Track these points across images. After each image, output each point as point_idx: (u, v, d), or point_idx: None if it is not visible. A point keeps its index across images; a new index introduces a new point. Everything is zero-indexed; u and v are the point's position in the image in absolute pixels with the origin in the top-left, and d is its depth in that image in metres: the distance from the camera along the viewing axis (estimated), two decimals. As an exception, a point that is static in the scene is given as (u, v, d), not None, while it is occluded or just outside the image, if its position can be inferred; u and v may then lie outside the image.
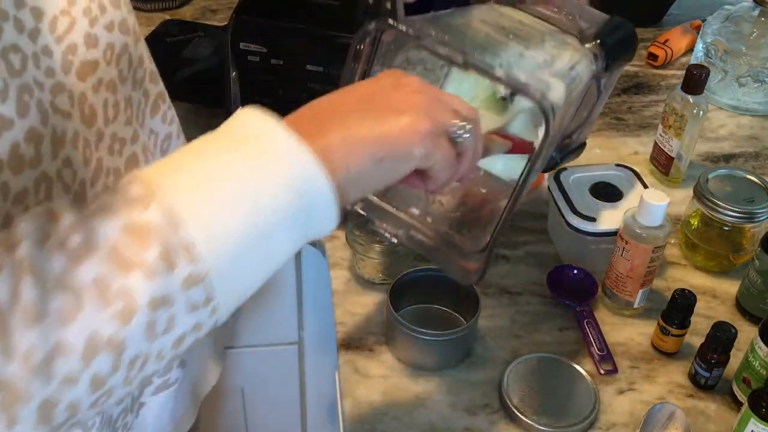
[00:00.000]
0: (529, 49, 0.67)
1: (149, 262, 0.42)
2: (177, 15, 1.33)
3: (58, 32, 0.50)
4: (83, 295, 0.41)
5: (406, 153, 0.50)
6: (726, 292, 0.90)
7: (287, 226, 0.46)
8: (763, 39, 1.17)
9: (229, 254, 0.44)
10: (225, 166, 0.45)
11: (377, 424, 0.75)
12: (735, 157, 1.12)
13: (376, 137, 0.49)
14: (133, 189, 0.44)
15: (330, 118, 0.50)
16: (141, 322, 0.42)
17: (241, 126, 0.48)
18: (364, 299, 0.88)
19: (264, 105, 1.15)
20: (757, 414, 0.67)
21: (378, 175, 0.50)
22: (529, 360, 0.80)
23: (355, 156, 0.48)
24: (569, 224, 0.89)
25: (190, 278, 0.43)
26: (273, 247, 0.46)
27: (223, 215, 0.44)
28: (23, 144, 0.47)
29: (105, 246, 0.42)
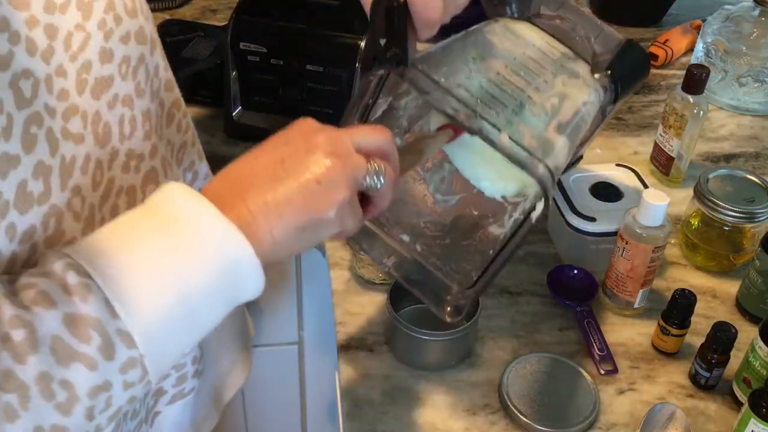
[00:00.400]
0: (538, 91, 0.67)
1: (90, 354, 0.44)
2: (177, 15, 1.33)
3: (72, 49, 0.49)
4: (28, 393, 0.42)
5: (326, 222, 0.51)
6: (726, 292, 0.90)
7: (216, 301, 0.48)
8: (763, 39, 1.17)
9: (163, 336, 0.46)
10: (155, 252, 0.46)
11: (377, 424, 0.75)
12: (735, 157, 1.12)
13: (297, 209, 0.50)
14: (71, 277, 0.44)
15: (249, 187, 0.50)
16: (81, 409, 0.44)
17: (168, 206, 0.48)
18: (364, 299, 0.88)
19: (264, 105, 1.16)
20: (757, 414, 0.67)
21: (300, 242, 0.51)
22: (529, 360, 0.80)
23: (278, 226, 0.49)
24: (569, 224, 0.89)
25: (128, 363, 0.45)
26: (203, 320, 0.49)
27: (156, 301, 0.45)
28: (31, 180, 0.47)
29: (47, 340, 0.43)
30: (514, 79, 0.67)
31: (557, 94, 0.69)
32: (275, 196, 0.50)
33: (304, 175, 0.51)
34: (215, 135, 1.07)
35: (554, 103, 0.68)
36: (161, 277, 0.46)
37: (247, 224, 0.48)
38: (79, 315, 0.44)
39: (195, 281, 0.46)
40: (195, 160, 0.71)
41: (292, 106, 1.03)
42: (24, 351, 0.42)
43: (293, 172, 0.51)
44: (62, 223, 0.50)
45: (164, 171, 0.62)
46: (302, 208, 0.50)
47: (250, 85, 1.03)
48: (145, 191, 0.59)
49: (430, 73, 0.60)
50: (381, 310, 0.86)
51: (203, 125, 1.09)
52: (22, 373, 0.42)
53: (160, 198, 0.48)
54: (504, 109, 0.63)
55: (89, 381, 0.44)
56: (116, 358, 0.44)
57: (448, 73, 0.63)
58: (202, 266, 0.47)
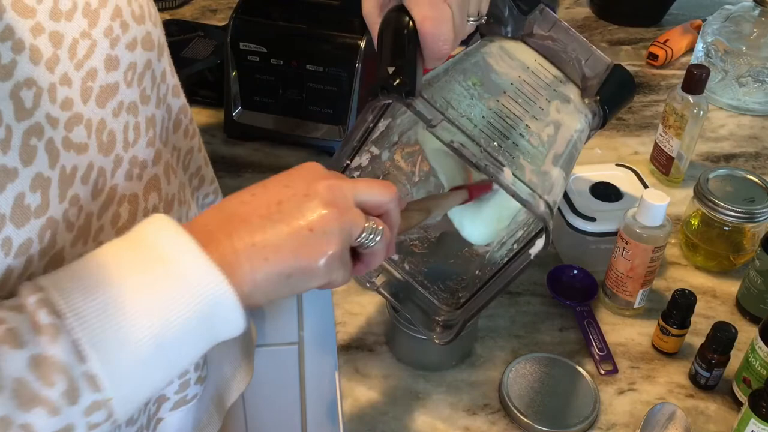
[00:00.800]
0: (535, 120, 0.68)
1: (53, 399, 0.42)
2: (177, 15, 1.33)
3: (78, 57, 0.48)
4: None
5: (313, 272, 0.50)
6: (726, 292, 0.90)
7: (192, 340, 0.47)
8: (763, 39, 1.17)
9: (134, 378, 0.45)
10: (132, 293, 0.45)
11: (377, 424, 0.75)
12: (735, 157, 1.12)
13: (285, 255, 0.49)
14: (42, 315, 0.43)
15: (240, 225, 0.49)
16: None
17: (152, 240, 0.47)
18: (364, 299, 0.88)
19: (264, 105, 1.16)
20: (757, 414, 0.67)
21: (283, 289, 0.50)
22: (529, 360, 0.80)
23: (263, 270, 0.48)
24: (569, 224, 0.89)
25: (93, 406, 0.44)
26: (178, 360, 0.47)
27: (129, 345, 0.44)
28: (29, 194, 0.46)
29: (10, 383, 0.42)
30: (513, 107, 0.68)
31: (552, 122, 0.70)
32: (264, 238, 0.48)
33: (298, 221, 0.49)
34: (215, 135, 1.07)
35: (550, 133, 0.69)
36: (137, 317, 0.44)
37: (229, 264, 0.47)
38: (45, 357, 0.43)
39: (172, 321, 0.45)
40: (201, 165, 0.71)
41: (292, 106, 1.03)
42: None
43: (287, 216, 0.49)
44: (56, 235, 0.49)
45: (167, 178, 0.61)
46: (290, 254, 0.49)
47: (250, 85, 1.03)
48: (147, 198, 0.58)
49: (434, 102, 0.60)
50: (381, 310, 0.86)
51: (203, 125, 1.09)
52: None
53: (145, 230, 0.47)
54: (505, 141, 0.64)
55: (50, 426, 0.43)
56: (80, 402, 0.43)
57: (451, 100, 0.63)
58: (180, 306, 0.45)
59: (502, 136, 0.64)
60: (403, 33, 0.56)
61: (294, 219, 0.49)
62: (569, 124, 0.72)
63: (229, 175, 1.02)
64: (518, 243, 0.69)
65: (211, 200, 0.74)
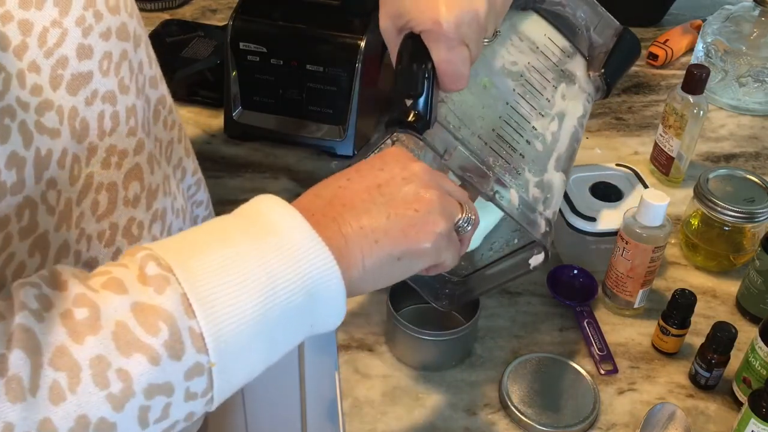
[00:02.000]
0: (541, 117, 0.72)
1: (155, 347, 0.41)
2: (177, 15, 1.33)
3: (47, 45, 0.48)
4: (80, 374, 0.39)
5: (423, 253, 0.50)
6: (726, 292, 0.90)
7: (294, 323, 0.46)
8: (763, 39, 1.17)
9: (235, 349, 0.43)
10: (242, 258, 0.44)
11: (377, 424, 0.75)
12: (735, 157, 1.12)
13: (395, 237, 0.49)
14: (150, 267, 0.42)
15: (343, 209, 0.49)
16: (135, 407, 0.41)
17: (260, 215, 0.47)
18: (364, 299, 0.88)
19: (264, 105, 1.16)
20: (757, 414, 0.67)
21: (392, 273, 0.50)
22: (529, 360, 0.80)
23: (371, 254, 0.48)
24: (569, 224, 0.89)
25: (195, 368, 0.42)
26: (276, 342, 0.46)
27: (235, 310, 0.43)
28: (4, 171, 0.45)
29: (111, 323, 0.41)
30: (521, 106, 0.71)
31: (557, 114, 0.74)
32: (372, 221, 0.48)
33: (403, 203, 0.49)
34: (215, 135, 1.07)
35: (554, 130, 0.73)
36: (245, 283, 0.43)
37: (338, 248, 0.46)
38: (150, 305, 0.41)
39: (278, 292, 0.44)
40: (182, 156, 0.70)
41: (292, 106, 1.03)
42: (83, 330, 0.40)
43: (390, 199, 0.49)
44: (36, 215, 0.49)
45: (150, 168, 0.61)
46: (400, 236, 0.49)
47: (250, 85, 1.03)
48: (128, 187, 0.58)
49: (447, 123, 0.62)
50: (381, 310, 0.86)
51: (203, 125, 1.09)
52: (77, 353, 0.40)
53: (252, 208, 0.47)
54: (513, 153, 0.67)
55: (149, 376, 0.41)
56: (183, 360, 0.41)
57: (463, 117, 0.65)
58: (287, 278, 0.44)
59: (510, 150, 0.67)
60: (422, 66, 0.58)
61: (398, 201, 0.50)
62: (573, 111, 0.75)
63: (229, 175, 1.02)
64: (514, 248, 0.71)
65: (194, 191, 0.74)
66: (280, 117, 1.04)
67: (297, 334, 0.47)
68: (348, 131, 1.02)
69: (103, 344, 0.40)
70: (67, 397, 0.39)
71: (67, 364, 0.39)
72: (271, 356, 0.46)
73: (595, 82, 0.80)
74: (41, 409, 0.38)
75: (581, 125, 0.77)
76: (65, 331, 0.40)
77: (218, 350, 0.42)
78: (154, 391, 0.41)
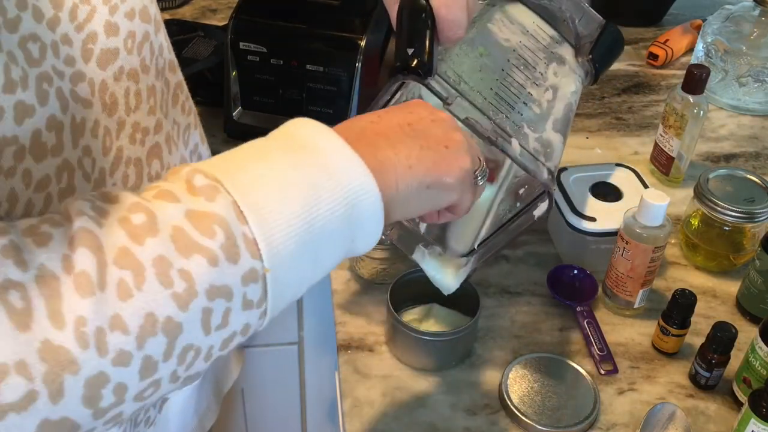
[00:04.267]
0: (536, 86, 0.75)
1: (213, 249, 0.42)
2: (177, 15, 1.33)
3: (78, 20, 0.50)
4: (144, 273, 0.40)
5: (451, 186, 0.52)
6: (726, 292, 0.90)
7: (337, 237, 0.47)
8: (763, 39, 1.17)
9: (287, 257, 0.44)
10: (285, 170, 0.45)
11: (377, 424, 0.75)
12: (735, 157, 1.12)
13: (427, 165, 0.51)
14: (198, 179, 0.43)
15: (377, 138, 0.51)
16: (198, 308, 0.42)
17: (297, 132, 0.48)
18: (364, 299, 0.88)
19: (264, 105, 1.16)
20: (757, 414, 0.67)
21: (420, 202, 0.52)
22: (529, 360, 0.80)
23: (405, 178, 0.50)
24: (569, 224, 0.89)
25: (251, 274, 0.43)
26: (321, 256, 0.47)
27: (283, 218, 0.44)
28: (45, 131, 0.47)
29: (168, 227, 0.41)
30: (516, 74, 0.74)
31: (551, 86, 0.77)
32: (405, 149, 0.50)
33: (434, 138, 0.52)
34: (215, 135, 1.07)
35: (549, 98, 0.76)
36: (289, 192, 0.45)
37: (374, 170, 0.48)
38: (204, 212, 0.42)
39: (320, 203, 0.45)
40: (198, 142, 0.72)
41: (292, 106, 1.03)
42: (142, 232, 0.41)
43: (422, 134, 0.52)
44: (74, 179, 0.50)
45: (168, 147, 0.62)
46: (432, 165, 0.51)
47: (250, 85, 1.03)
48: (151, 165, 0.59)
49: (447, 77, 0.65)
50: (381, 310, 0.86)
51: (203, 125, 1.09)
52: (140, 253, 0.40)
53: (287, 127, 0.49)
54: (511, 111, 0.70)
55: (209, 277, 0.42)
56: (239, 264, 0.42)
57: (462, 74, 0.68)
58: (328, 190, 0.46)
59: (509, 107, 0.69)
60: (421, 17, 0.61)
61: (429, 137, 0.52)
62: (565, 86, 0.79)
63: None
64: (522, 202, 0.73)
65: None
66: (280, 117, 1.03)
67: (339, 247, 0.48)
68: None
69: (163, 245, 0.41)
70: (134, 294, 0.40)
71: (131, 263, 0.40)
72: (317, 270, 0.47)
73: (584, 66, 0.84)
74: (111, 304, 0.39)
75: (575, 100, 0.80)
76: (125, 233, 0.40)
77: (271, 256, 0.43)
78: (215, 293, 0.42)
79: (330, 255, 0.48)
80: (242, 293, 0.43)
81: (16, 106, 0.44)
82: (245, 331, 0.45)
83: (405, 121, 0.53)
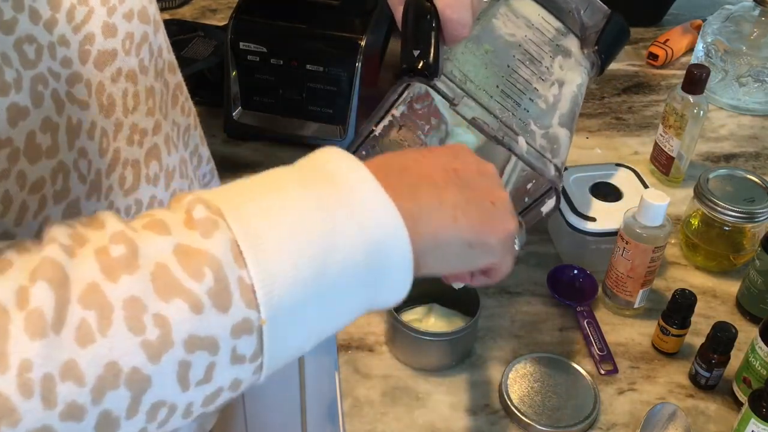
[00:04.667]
0: (542, 81, 0.76)
1: (198, 293, 0.37)
2: (177, 15, 1.33)
3: (75, 22, 0.49)
4: (111, 315, 0.35)
5: (492, 248, 0.48)
6: (726, 292, 0.90)
7: (355, 288, 0.42)
8: (763, 39, 1.17)
9: (290, 308, 0.39)
10: (301, 206, 0.40)
11: (377, 424, 0.75)
12: (735, 157, 1.12)
13: (474, 221, 0.47)
14: (198, 210, 0.39)
15: (420, 181, 0.46)
16: (173, 361, 0.37)
17: (326, 163, 0.44)
18: (364, 299, 0.88)
19: (264, 105, 1.16)
20: (757, 414, 0.67)
21: (458, 259, 0.48)
22: (529, 360, 0.80)
23: (446, 230, 0.46)
24: (569, 224, 0.89)
25: (244, 325, 0.38)
26: (334, 309, 0.42)
27: (290, 263, 0.39)
28: (39, 133, 0.46)
29: (151, 263, 0.37)
30: (522, 70, 0.75)
31: (557, 80, 0.78)
32: (453, 198, 0.46)
33: (482, 193, 0.48)
34: (215, 135, 1.07)
35: (555, 92, 0.76)
36: (302, 232, 0.39)
37: (410, 213, 0.43)
38: (196, 249, 0.37)
39: (338, 251, 0.40)
40: (198, 143, 0.72)
41: (292, 106, 1.03)
42: (119, 267, 0.36)
43: (469, 185, 0.48)
44: (69, 181, 0.49)
45: (167, 149, 0.62)
46: (478, 221, 0.47)
47: (250, 85, 1.03)
48: (149, 166, 0.59)
49: (453, 77, 0.66)
50: (381, 310, 0.86)
51: (203, 125, 1.09)
52: (110, 291, 0.35)
53: (316, 156, 0.44)
54: (518, 108, 0.70)
55: (189, 326, 0.36)
56: (230, 313, 0.37)
57: (468, 73, 0.68)
58: (348, 233, 0.40)
59: (515, 104, 0.70)
60: (426, 18, 0.61)
61: (477, 189, 0.48)
62: (571, 79, 0.79)
63: (229, 175, 1.01)
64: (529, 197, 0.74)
65: (209, 179, 0.75)
66: (280, 117, 1.04)
67: (357, 300, 0.43)
68: (348, 131, 1.02)
69: (140, 284, 0.36)
70: (96, 339, 0.35)
71: (98, 302, 0.35)
72: (329, 323, 0.43)
73: (589, 57, 0.84)
74: (66, 348, 0.34)
75: (581, 93, 0.80)
76: (99, 267, 0.36)
77: (270, 306, 0.38)
78: (196, 345, 0.37)
79: (345, 307, 0.43)
80: (231, 346, 0.38)
81: (9, 108, 0.43)
82: (235, 387, 0.41)
83: (451, 166, 0.48)
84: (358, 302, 0.43)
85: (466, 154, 0.51)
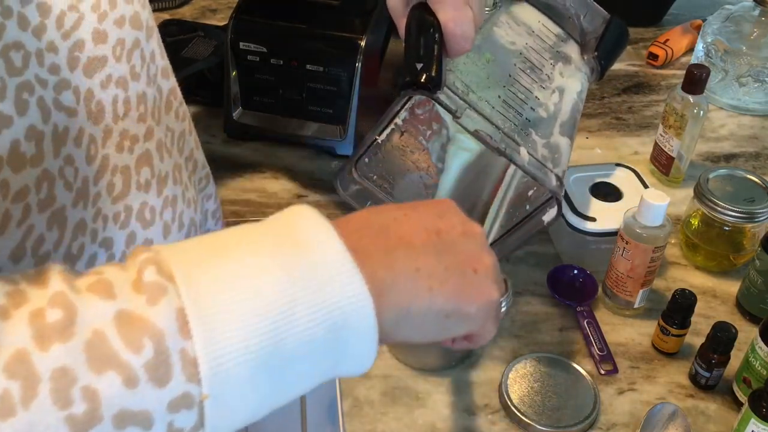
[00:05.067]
0: (542, 89, 0.76)
1: (133, 366, 0.35)
2: (177, 15, 1.33)
3: (65, 28, 0.49)
4: (37, 387, 0.33)
5: (472, 317, 0.46)
6: (726, 292, 0.90)
7: (312, 360, 0.40)
8: (763, 39, 1.17)
9: (237, 382, 0.37)
10: (260, 274, 0.38)
11: (377, 424, 0.75)
12: (735, 157, 1.12)
13: (450, 291, 0.44)
14: (148, 272, 0.37)
15: (398, 244, 0.44)
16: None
17: (293, 226, 0.41)
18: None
19: (264, 105, 1.16)
20: (757, 414, 0.67)
21: (434, 329, 0.46)
22: (529, 360, 0.80)
23: (421, 301, 0.43)
24: (569, 224, 0.89)
25: (183, 400, 0.36)
26: (288, 381, 0.40)
27: (240, 335, 0.37)
28: (24, 142, 0.45)
29: (87, 331, 0.35)
30: (523, 79, 0.75)
31: (557, 88, 0.78)
32: (430, 266, 0.43)
33: (464, 258, 0.46)
34: (215, 135, 1.07)
35: (555, 101, 0.76)
36: (257, 303, 0.38)
37: (382, 282, 0.41)
38: (139, 317, 0.35)
39: (296, 323, 0.38)
40: (193, 148, 0.72)
41: (292, 106, 1.03)
42: (52, 334, 0.34)
43: (451, 249, 0.45)
44: (54, 189, 0.49)
45: (160, 155, 0.61)
46: (455, 291, 0.44)
47: (250, 85, 1.03)
48: (140, 172, 0.58)
49: (456, 88, 0.67)
50: (381, 310, 0.86)
51: (203, 125, 1.09)
52: (39, 361, 0.33)
53: (285, 216, 0.43)
54: (519, 117, 0.71)
55: (121, 400, 0.34)
56: (168, 387, 0.35)
57: (470, 84, 0.69)
58: (309, 307, 0.38)
59: (517, 114, 0.71)
60: (429, 32, 0.61)
61: (459, 254, 0.45)
62: (572, 87, 0.80)
63: (229, 175, 1.02)
64: (531, 205, 0.74)
65: (204, 184, 0.75)
66: (280, 117, 1.04)
67: (314, 371, 0.41)
68: (348, 131, 1.02)
69: (72, 354, 0.34)
70: (17, 412, 0.33)
71: (24, 372, 0.33)
72: (280, 396, 0.41)
73: (589, 63, 0.85)
74: None
75: (581, 99, 0.81)
76: (31, 333, 0.34)
77: (214, 381, 0.36)
78: (127, 420, 0.35)
79: (301, 379, 0.40)
80: (167, 421, 0.36)
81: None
82: None
83: (434, 227, 0.46)
84: (316, 373, 0.41)
85: (453, 213, 0.48)
